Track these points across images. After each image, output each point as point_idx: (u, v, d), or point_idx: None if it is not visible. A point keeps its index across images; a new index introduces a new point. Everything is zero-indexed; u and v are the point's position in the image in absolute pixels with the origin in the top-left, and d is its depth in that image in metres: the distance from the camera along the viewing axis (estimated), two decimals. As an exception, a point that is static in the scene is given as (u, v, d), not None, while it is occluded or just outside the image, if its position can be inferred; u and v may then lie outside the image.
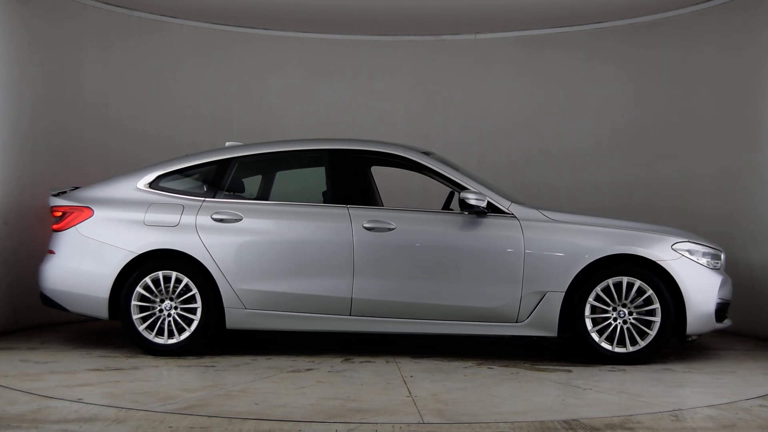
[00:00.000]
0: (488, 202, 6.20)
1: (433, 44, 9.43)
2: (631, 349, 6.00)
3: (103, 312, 6.37)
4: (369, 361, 6.17)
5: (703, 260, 6.16)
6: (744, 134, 7.91)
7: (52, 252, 6.57)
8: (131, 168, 7.57)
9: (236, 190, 6.63)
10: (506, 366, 5.99)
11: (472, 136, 9.34)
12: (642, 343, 5.99)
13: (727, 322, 6.32)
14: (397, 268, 6.23)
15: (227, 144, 6.88)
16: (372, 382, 5.41)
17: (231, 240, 6.32)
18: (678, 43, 8.55)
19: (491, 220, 6.19)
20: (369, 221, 6.27)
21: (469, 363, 6.08)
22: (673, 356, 6.36)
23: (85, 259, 6.45)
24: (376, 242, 6.24)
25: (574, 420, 4.42)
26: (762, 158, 7.65)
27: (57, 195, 6.72)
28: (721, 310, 6.22)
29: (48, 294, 6.59)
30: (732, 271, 6.73)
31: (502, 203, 6.26)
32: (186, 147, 8.48)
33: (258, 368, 5.93)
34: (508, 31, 9.25)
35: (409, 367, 5.96)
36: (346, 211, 6.33)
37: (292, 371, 5.83)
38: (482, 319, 6.13)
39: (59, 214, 6.60)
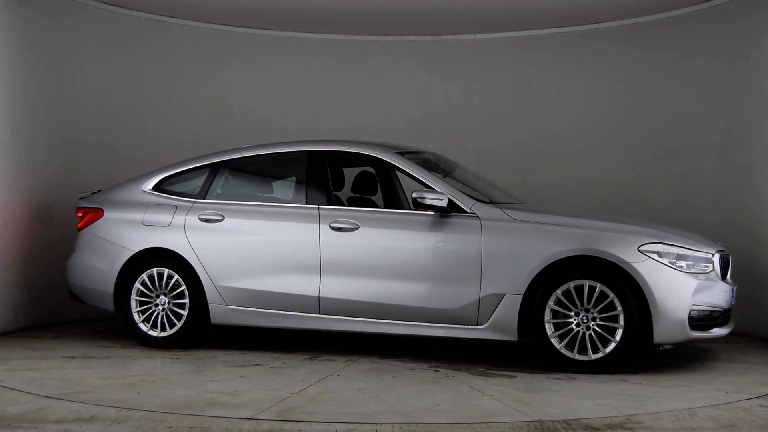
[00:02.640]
0: (450, 201, 6.09)
1: (433, 44, 9.39)
2: (593, 356, 5.68)
3: (109, 305, 6.85)
4: (330, 360, 6.18)
5: (681, 263, 5.77)
6: (744, 134, 7.73)
7: (74, 250, 7.12)
8: (130, 167, 8.06)
9: (227, 192, 6.84)
10: (456, 369, 5.85)
11: (473, 136, 9.25)
12: (604, 351, 5.68)
13: (717, 331, 5.89)
14: (360, 267, 6.23)
15: (244, 146, 7.14)
16: (286, 379, 5.47)
17: (213, 239, 6.61)
18: (678, 43, 8.39)
19: (454, 220, 6.09)
20: (335, 221, 6.32)
21: (425, 365, 5.99)
22: (648, 366, 5.99)
23: (96, 256, 6.94)
24: (340, 242, 6.29)
25: (574, 420, 4.40)
26: (762, 158, 7.46)
27: (83, 198, 7.25)
28: (704, 318, 5.80)
29: (71, 288, 7.15)
30: (732, 271, 6.42)
31: (465, 203, 6.13)
32: (186, 146, 8.66)
33: (212, 362, 6.11)
34: (508, 31, 9.13)
35: (356, 366, 5.94)
36: (316, 211, 6.42)
37: (237, 366, 5.96)
38: (443, 321, 6.02)
39: (80, 215, 7.14)
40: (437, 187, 6.23)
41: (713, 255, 5.99)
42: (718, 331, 5.94)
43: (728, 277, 6.22)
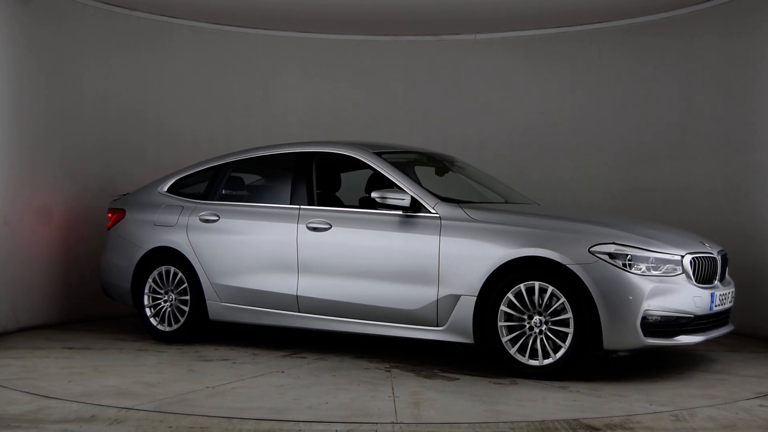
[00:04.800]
0: (413, 200, 6.06)
1: (433, 44, 9.36)
2: (543, 362, 5.51)
3: (128, 300, 7.29)
4: (301, 357, 6.32)
5: (641, 265, 5.46)
6: (744, 134, 7.61)
7: (104, 249, 7.64)
8: (130, 167, 8.51)
9: (226, 193, 7.15)
10: (410, 371, 5.83)
11: (473, 136, 9.22)
12: (554, 357, 5.48)
13: (685, 339, 5.56)
14: (331, 267, 6.32)
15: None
16: (227, 375, 5.60)
17: (209, 238, 6.90)
18: (678, 42, 8.27)
19: (418, 220, 6.05)
20: (311, 221, 6.42)
21: (384, 365, 6.01)
22: (607, 373, 5.76)
23: (118, 255, 7.42)
24: (315, 241, 6.40)
25: (574, 420, 4.41)
26: (762, 159, 7.35)
27: (115, 200, 7.73)
28: (665, 325, 5.47)
29: (102, 285, 7.65)
30: (731, 271, 6.29)
31: (428, 202, 6.08)
32: (186, 146, 8.86)
33: (189, 356, 6.39)
34: (508, 31, 9.08)
35: (316, 365, 6.02)
36: (297, 211, 6.56)
37: (203, 360, 6.20)
38: (407, 322, 6.01)
39: (109, 215, 7.65)
40: (404, 186, 6.21)
41: (682, 257, 5.67)
42: (686, 339, 5.58)
43: (717, 280, 5.95)
